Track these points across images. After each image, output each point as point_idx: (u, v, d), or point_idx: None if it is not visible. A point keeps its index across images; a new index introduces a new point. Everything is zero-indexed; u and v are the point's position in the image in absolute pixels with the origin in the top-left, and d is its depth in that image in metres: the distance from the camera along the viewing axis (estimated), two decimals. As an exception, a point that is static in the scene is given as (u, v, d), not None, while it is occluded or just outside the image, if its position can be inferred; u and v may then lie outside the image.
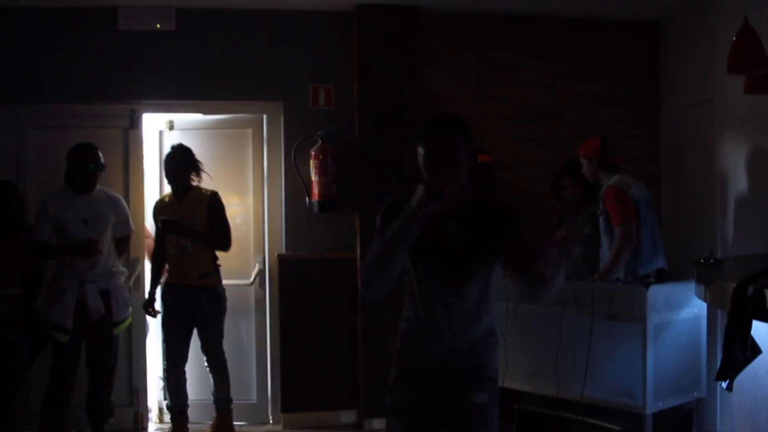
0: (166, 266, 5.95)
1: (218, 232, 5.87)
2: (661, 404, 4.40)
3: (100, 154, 5.78)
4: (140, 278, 6.42)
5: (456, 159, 3.09)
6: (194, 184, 5.93)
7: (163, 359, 6.03)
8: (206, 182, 5.95)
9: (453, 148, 3.09)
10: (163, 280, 6.00)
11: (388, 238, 3.05)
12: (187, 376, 6.00)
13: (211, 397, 6.03)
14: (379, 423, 6.40)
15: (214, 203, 5.92)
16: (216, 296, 5.91)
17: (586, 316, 4.53)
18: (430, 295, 3.25)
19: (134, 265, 6.36)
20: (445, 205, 3.01)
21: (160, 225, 5.87)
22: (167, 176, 5.97)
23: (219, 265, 5.95)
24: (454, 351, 3.27)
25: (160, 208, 5.96)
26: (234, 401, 6.02)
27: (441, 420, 3.30)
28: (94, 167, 5.70)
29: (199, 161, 5.94)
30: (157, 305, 6.03)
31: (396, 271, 3.12)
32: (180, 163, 5.89)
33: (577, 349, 4.58)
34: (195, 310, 5.84)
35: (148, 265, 6.45)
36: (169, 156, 5.96)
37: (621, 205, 5.29)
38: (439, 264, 3.19)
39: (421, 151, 3.11)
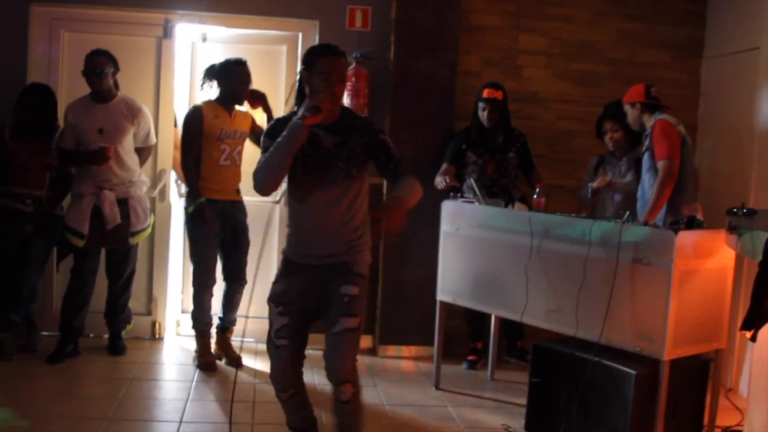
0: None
1: None
2: (679, 352, 4.37)
3: (109, 61, 5.74)
4: (165, 189, 6.42)
5: (344, 82, 3.77)
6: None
7: (199, 277, 5.85)
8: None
9: (344, 73, 3.76)
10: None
11: (279, 144, 3.59)
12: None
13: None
14: (394, 350, 6.44)
15: (255, 126, 5.88)
16: (245, 211, 5.91)
17: (611, 258, 4.48)
18: (308, 199, 3.77)
19: (160, 176, 6.36)
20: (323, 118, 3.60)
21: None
22: (230, 87, 5.72)
23: None
24: (330, 248, 3.81)
25: (209, 118, 5.68)
26: (251, 319, 6.03)
27: (316, 308, 3.85)
28: (101, 73, 5.67)
29: None
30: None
31: (284, 174, 3.69)
32: (248, 81, 5.75)
33: (599, 291, 4.54)
34: (235, 225, 5.79)
35: (173, 176, 6.45)
36: (235, 68, 5.73)
37: (667, 138, 5.16)
38: (314, 167, 3.73)
39: (317, 71, 3.67)
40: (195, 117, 5.70)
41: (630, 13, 6.78)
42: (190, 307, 5.99)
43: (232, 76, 5.72)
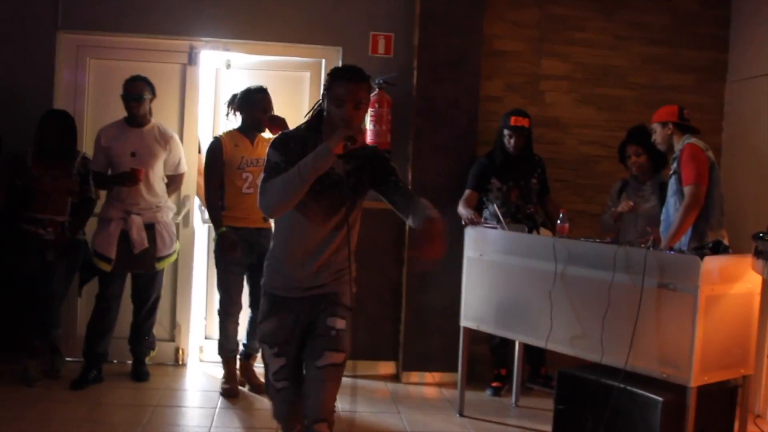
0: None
1: None
2: (706, 378, 4.33)
3: (147, 87, 5.82)
4: (189, 215, 6.44)
5: (361, 109, 3.49)
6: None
7: (222, 304, 5.84)
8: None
9: (363, 99, 3.48)
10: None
11: (301, 168, 3.35)
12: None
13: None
14: (417, 376, 6.41)
15: None
16: (270, 237, 5.91)
17: (636, 283, 4.46)
18: (304, 226, 3.57)
19: (184, 202, 6.39)
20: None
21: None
22: (251, 115, 5.76)
23: None
24: (320, 278, 3.62)
25: (228, 147, 5.72)
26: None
27: (305, 340, 3.65)
28: (139, 98, 5.74)
29: None
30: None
31: (298, 200, 3.42)
32: (268, 108, 5.77)
33: (624, 316, 4.51)
34: (261, 252, 5.65)
35: (196, 202, 6.48)
36: (254, 96, 5.77)
37: (696, 162, 5.10)
38: (321, 194, 3.51)
39: (332, 94, 3.46)
40: (214, 148, 5.75)
41: (653, 38, 6.79)
42: (214, 333, 5.98)
43: (252, 104, 5.76)
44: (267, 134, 5.84)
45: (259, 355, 5.97)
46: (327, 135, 3.46)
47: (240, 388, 5.89)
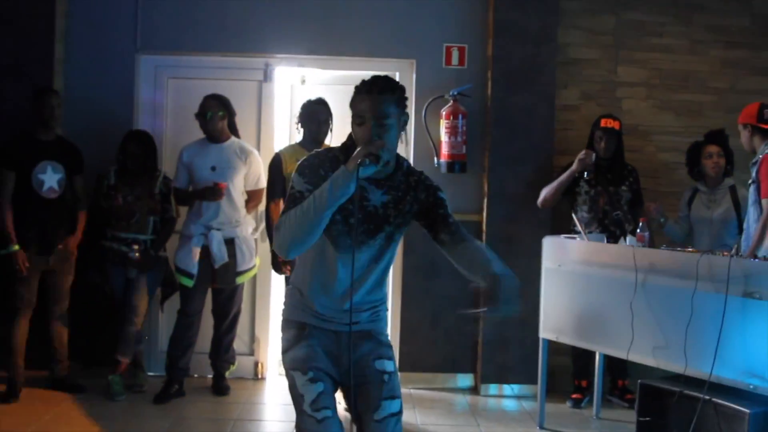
0: None
1: None
2: (794, 389, 4.22)
3: (223, 103, 5.92)
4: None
5: (392, 123, 3.06)
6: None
7: None
8: (337, 139, 5.95)
9: (392, 114, 3.06)
10: None
11: (319, 196, 2.94)
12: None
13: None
14: (495, 389, 6.36)
15: None
16: None
17: (720, 292, 4.36)
18: (338, 257, 3.15)
19: (262, 218, 6.44)
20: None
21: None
22: (309, 127, 5.77)
23: None
24: (353, 314, 3.16)
25: (289, 163, 5.69)
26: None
27: (340, 379, 3.25)
28: (210, 115, 5.82)
29: None
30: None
31: (317, 235, 3.01)
32: (325, 119, 5.79)
33: (708, 326, 4.41)
34: None
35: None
36: (312, 108, 5.79)
37: None
38: (357, 227, 3.09)
39: (353, 112, 3.09)
40: (274, 163, 5.80)
41: (731, 41, 6.65)
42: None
43: (310, 116, 5.79)
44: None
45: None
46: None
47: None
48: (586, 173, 5.78)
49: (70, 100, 6.30)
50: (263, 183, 6.14)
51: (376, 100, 3.03)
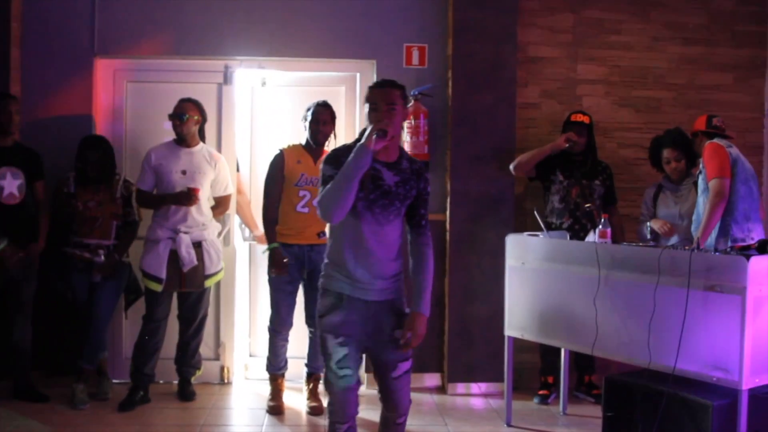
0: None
1: None
2: (757, 380, 4.25)
3: (198, 108, 5.91)
4: (230, 234, 6.47)
5: (393, 110, 3.79)
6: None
7: (271, 321, 5.85)
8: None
9: (394, 101, 3.81)
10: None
11: (344, 169, 3.67)
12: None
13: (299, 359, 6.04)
14: (463, 387, 6.37)
15: None
16: (323, 252, 5.90)
17: (682, 286, 4.39)
18: (364, 229, 3.81)
19: (225, 221, 6.41)
20: (385, 148, 3.76)
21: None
22: (319, 132, 5.73)
23: None
24: (382, 283, 3.87)
25: (290, 163, 5.73)
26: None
27: (367, 343, 3.93)
28: (186, 118, 5.81)
29: None
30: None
31: (351, 199, 3.69)
32: (323, 121, 5.75)
33: (671, 320, 4.45)
34: (313, 268, 5.64)
35: (237, 221, 6.51)
36: (314, 109, 5.75)
37: (717, 158, 5.25)
38: (376, 203, 3.79)
39: (368, 104, 3.83)
40: (275, 161, 5.78)
41: (689, 37, 6.72)
42: (258, 351, 5.97)
43: (312, 117, 5.76)
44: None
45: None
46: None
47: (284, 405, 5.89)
48: (569, 145, 5.97)
49: (28, 106, 6.22)
50: (230, 189, 6.11)
51: (386, 91, 3.83)
